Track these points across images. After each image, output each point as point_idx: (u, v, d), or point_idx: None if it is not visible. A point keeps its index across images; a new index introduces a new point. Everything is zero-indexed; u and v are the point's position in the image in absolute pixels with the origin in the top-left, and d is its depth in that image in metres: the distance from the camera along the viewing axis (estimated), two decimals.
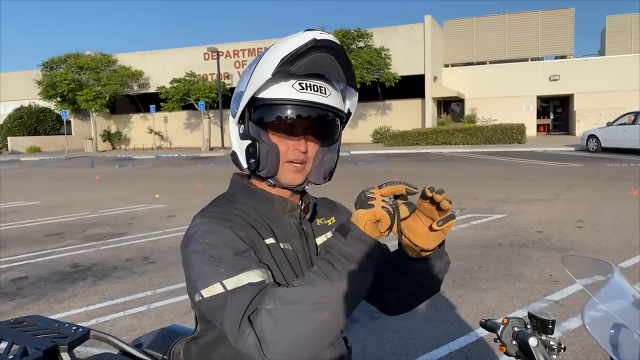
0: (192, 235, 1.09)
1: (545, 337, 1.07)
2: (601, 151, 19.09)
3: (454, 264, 5.65)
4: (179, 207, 9.78)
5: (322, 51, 1.07)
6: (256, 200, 1.19)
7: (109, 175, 18.55)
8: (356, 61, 26.59)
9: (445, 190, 1.03)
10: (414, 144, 26.24)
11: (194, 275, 1.05)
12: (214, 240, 1.05)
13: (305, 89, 1.09)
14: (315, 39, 1.05)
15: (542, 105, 32.53)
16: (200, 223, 1.09)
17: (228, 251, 1.03)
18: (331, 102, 1.13)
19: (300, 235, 1.20)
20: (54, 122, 37.18)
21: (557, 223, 7.37)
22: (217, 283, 1.01)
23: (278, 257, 1.12)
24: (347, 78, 1.15)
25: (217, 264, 1.02)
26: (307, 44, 1.04)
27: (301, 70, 1.07)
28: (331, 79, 1.14)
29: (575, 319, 3.82)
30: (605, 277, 1.15)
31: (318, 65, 1.08)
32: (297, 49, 1.04)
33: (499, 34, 31.84)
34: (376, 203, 0.95)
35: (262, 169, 1.14)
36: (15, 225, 8.73)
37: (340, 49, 1.09)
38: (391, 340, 3.65)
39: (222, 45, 31.32)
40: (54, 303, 4.74)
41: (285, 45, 1.07)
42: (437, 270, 1.19)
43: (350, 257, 0.95)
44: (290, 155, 1.14)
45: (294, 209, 1.20)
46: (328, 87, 1.13)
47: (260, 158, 1.12)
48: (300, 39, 1.06)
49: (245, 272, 1.01)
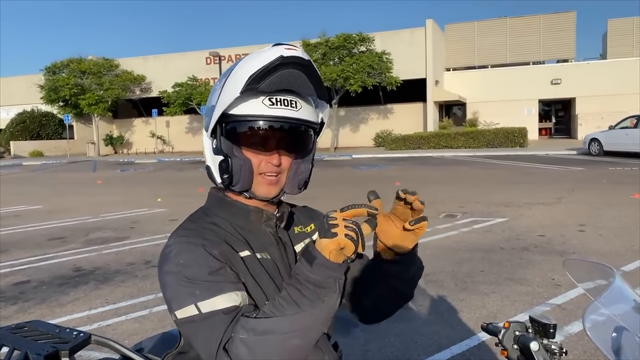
0: (166, 255, 1.09)
1: (547, 341, 1.07)
2: (603, 155, 19.05)
3: (456, 268, 5.66)
4: (180, 211, 9.79)
5: (289, 67, 1.07)
6: (231, 212, 1.20)
7: (111, 179, 18.58)
8: (358, 65, 26.62)
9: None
10: (415, 147, 26.24)
11: (169, 296, 1.07)
12: (187, 261, 1.06)
13: (275, 104, 1.09)
14: (282, 56, 1.04)
15: (544, 108, 32.51)
16: (174, 243, 1.10)
17: (202, 271, 1.04)
18: (302, 116, 1.13)
19: (278, 244, 1.20)
20: (56, 126, 37.29)
21: (559, 227, 7.36)
22: (191, 305, 1.02)
23: (254, 269, 1.13)
24: (317, 91, 1.15)
25: (191, 284, 1.03)
26: (274, 62, 1.04)
27: (269, 87, 1.07)
28: (301, 93, 1.14)
29: (577, 323, 3.81)
30: (606, 281, 1.15)
31: (286, 81, 1.08)
32: (264, 67, 1.04)
33: (500, 37, 31.85)
34: (339, 230, 0.95)
35: (235, 184, 1.15)
36: (18, 230, 8.74)
37: (308, 64, 1.09)
38: (393, 344, 3.64)
39: (224, 50, 31.38)
40: (56, 307, 4.74)
41: (252, 62, 1.06)
42: (411, 274, 1.23)
43: (318, 284, 0.97)
44: (264, 168, 1.15)
45: (270, 219, 1.21)
46: (299, 100, 1.13)
47: (234, 173, 1.13)
48: (268, 55, 1.05)
49: (220, 295, 1.02)
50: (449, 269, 5.46)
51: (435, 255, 6.10)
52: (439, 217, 8.32)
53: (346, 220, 0.97)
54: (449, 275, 5.23)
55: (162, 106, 32.24)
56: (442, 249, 6.36)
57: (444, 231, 7.35)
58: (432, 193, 11.17)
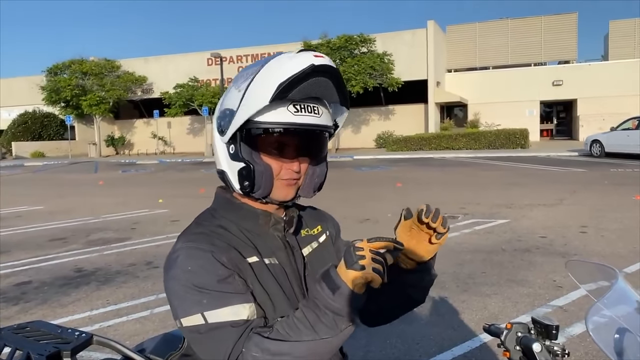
0: (174, 260, 1.08)
1: (549, 343, 1.07)
2: (605, 156, 19.03)
3: (457, 269, 5.66)
4: (182, 212, 9.80)
5: (319, 76, 1.06)
6: (239, 215, 1.19)
7: (112, 180, 18.60)
8: (359, 66, 26.64)
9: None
10: (417, 148, 26.24)
11: (175, 302, 1.06)
12: (195, 267, 1.05)
13: (300, 111, 1.08)
14: (313, 64, 1.03)
15: (546, 110, 32.48)
16: (181, 248, 1.09)
17: (210, 278, 1.04)
18: (324, 122, 1.13)
19: (286, 248, 1.20)
20: (57, 127, 37.33)
21: (561, 228, 7.35)
22: (198, 314, 1.02)
23: (262, 275, 1.12)
24: (341, 99, 1.15)
25: (199, 292, 1.03)
26: (306, 70, 1.03)
27: (299, 95, 1.05)
28: (327, 101, 1.14)
29: (579, 325, 3.80)
30: (609, 282, 1.15)
31: (315, 89, 1.07)
32: (295, 75, 1.02)
33: (502, 39, 31.83)
34: (366, 263, 0.95)
35: (256, 191, 1.13)
36: (19, 230, 8.75)
37: (336, 72, 1.09)
38: (394, 346, 3.64)
39: (226, 51, 31.41)
40: (58, 308, 4.75)
41: (282, 69, 1.04)
42: (426, 282, 1.26)
43: (338, 312, 0.97)
44: (284, 174, 1.14)
45: (278, 223, 1.20)
46: (320, 106, 1.12)
47: (255, 181, 1.11)
48: (298, 63, 1.03)
49: (228, 306, 1.02)
50: (451, 271, 5.45)
51: (436, 256, 6.09)
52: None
53: (372, 251, 0.97)
54: (450, 277, 5.23)
55: (163, 107, 32.27)
56: (443, 251, 6.30)
57: None
58: (433, 194, 11.17)
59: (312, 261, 1.25)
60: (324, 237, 1.33)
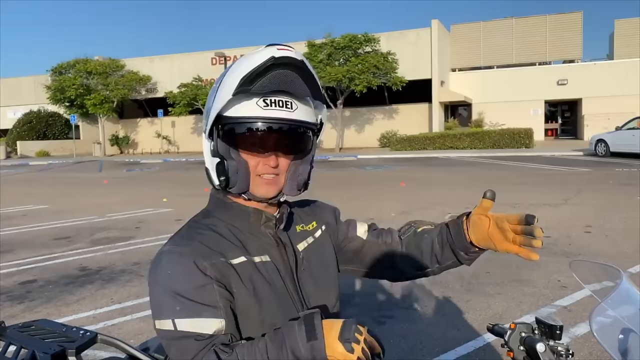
0: (157, 262, 1.11)
1: (553, 343, 1.07)
2: (610, 156, 18.96)
3: (461, 269, 5.64)
4: (186, 211, 9.80)
5: (281, 68, 1.06)
6: (231, 214, 1.20)
7: (116, 179, 18.65)
8: (363, 65, 26.61)
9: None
10: (421, 148, 26.20)
11: (152, 303, 1.09)
12: (175, 273, 1.07)
13: (269, 105, 1.09)
14: (273, 56, 1.04)
15: (550, 109, 32.39)
16: (166, 251, 1.12)
17: (187, 286, 1.06)
18: (298, 117, 1.12)
19: (278, 245, 1.20)
20: (62, 126, 37.46)
21: (565, 228, 7.33)
22: (169, 320, 1.04)
23: (249, 276, 1.13)
24: (312, 92, 1.14)
25: (174, 299, 1.05)
26: (266, 63, 1.04)
27: (262, 89, 1.06)
28: (295, 94, 1.13)
29: (583, 325, 3.79)
30: (613, 282, 1.14)
31: (279, 82, 1.07)
32: (255, 68, 1.04)
33: (506, 38, 31.75)
34: (357, 349, 0.95)
35: (232, 186, 1.14)
36: (24, 229, 8.79)
37: (301, 64, 1.08)
38: (398, 346, 3.64)
39: (230, 50, 31.45)
40: (62, 306, 4.77)
41: (245, 63, 1.06)
42: (455, 263, 1.34)
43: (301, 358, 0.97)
44: (261, 169, 1.14)
45: (270, 220, 1.20)
46: (295, 101, 1.12)
47: (230, 176, 1.13)
48: (259, 57, 1.05)
49: (198, 318, 1.04)
50: (454, 270, 5.43)
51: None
52: (444, 218, 8.29)
53: (366, 342, 0.98)
54: (454, 277, 5.22)
55: (167, 106, 32.33)
56: None
57: None
58: (438, 194, 11.15)
59: (308, 256, 1.26)
60: (320, 232, 1.34)
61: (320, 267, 1.27)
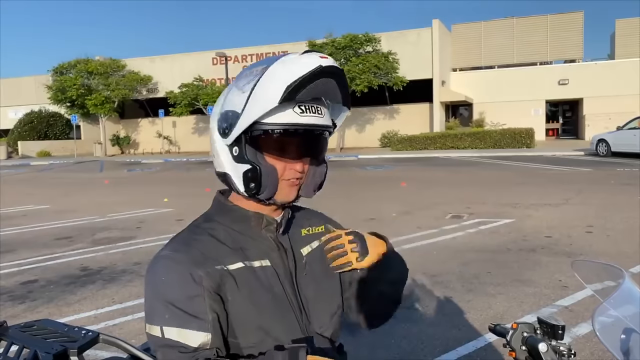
0: (153, 266, 1.12)
1: (555, 343, 1.07)
2: (611, 155, 18.93)
3: (462, 269, 5.65)
4: (187, 211, 9.82)
5: (326, 77, 1.07)
6: (231, 218, 1.19)
7: (117, 179, 18.66)
8: (364, 65, 26.61)
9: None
10: (421, 148, 26.19)
11: (146, 307, 1.11)
12: (168, 280, 1.08)
13: (305, 111, 1.09)
14: (321, 65, 1.04)
15: (551, 109, 32.35)
16: (163, 256, 1.13)
17: (179, 294, 1.07)
18: (326, 122, 1.14)
19: (279, 250, 1.20)
20: (63, 126, 37.46)
21: (567, 228, 7.32)
22: (158, 326, 1.06)
23: (247, 282, 1.12)
24: (344, 99, 1.17)
25: (164, 306, 1.07)
26: (314, 71, 1.03)
27: (306, 96, 1.05)
28: (329, 100, 1.15)
29: (585, 325, 3.79)
30: (615, 282, 1.14)
31: (321, 90, 1.08)
32: (303, 77, 1.02)
33: (507, 38, 31.71)
34: None
35: (262, 192, 1.12)
36: (25, 229, 8.80)
37: (341, 73, 1.10)
38: (399, 345, 3.63)
39: (230, 50, 31.44)
40: (64, 306, 4.77)
41: (289, 70, 1.04)
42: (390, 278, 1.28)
43: None
44: (287, 175, 1.14)
45: (270, 224, 1.19)
46: (322, 107, 1.13)
47: (262, 182, 1.11)
48: (305, 64, 1.04)
49: (185, 329, 1.05)
50: (456, 270, 5.44)
51: (441, 256, 6.09)
52: (445, 218, 8.30)
53: None
54: (455, 277, 5.22)
55: (168, 107, 32.31)
56: (448, 250, 6.35)
57: (450, 232, 7.33)
58: (439, 194, 11.15)
59: (311, 261, 1.25)
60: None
61: (323, 272, 1.26)
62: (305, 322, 1.19)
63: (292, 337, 1.14)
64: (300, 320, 1.18)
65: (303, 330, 1.18)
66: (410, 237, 7.05)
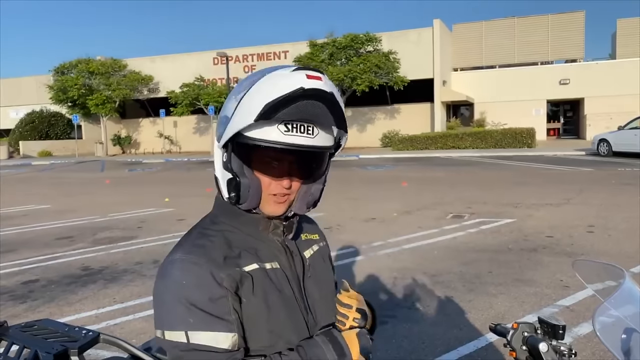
0: (169, 270, 1.09)
1: (556, 343, 1.07)
2: (612, 155, 18.91)
3: (463, 269, 5.65)
4: (188, 210, 9.83)
5: (310, 99, 1.01)
6: (240, 221, 1.19)
7: (118, 179, 18.67)
8: (365, 65, 26.60)
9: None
10: (422, 148, 26.17)
11: (162, 312, 1.07)
12: (189, 283, 1.06)
13: (290, 130, 1.02)
14: (302, 88, 0.99)
15: (552, 109, 32.31)
16: (179, 260, 1.09)
17: (202, 297, 1.05)
18: (318, 142, 1.06)
19: (286, 253, 1.20)
20: (64, 126, 37.50)
21: (568, 228, 7.32)
22: (182, 331, 1.03)
23: (261, 284, 1.12)
24: (337, 123, 1.08)
25: (187, 310, 1.04)
26: (294, 93, 0.98)
27: (286, 117, 1.00)
28: (318, 126, 1.06)
29: (586, 325, 3.79)
30: (616, 282, 1.14)
31: (305, 112, 1.01)
32: (282, 97, 0.98)
33: (508, 37, 31.68)
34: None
35: (242, 203, 1.12)
36: (27, 229, 8.81)
37: (329, 97, 1.03)
38: (400, 345, 3.63)
39: (231, 50, 31.43)
40: (65, 306, 4.77)
41: (271, 87, 1.00)
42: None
43: None
44: (273, 189, 1.13)
45: (277, 227, 1.19)
46: (316, 127, 1.06)
47: (241, 194, 1.10)
48: (288, 84, 0.99)
49: (212, 332, 1.03)
50: (457, 270, 5.44)
51: (442, 256, 6.09)
52: (446, 218, 8.30)
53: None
54: (456, 276, 5.22)
55: (169, 106, 32.32)
56: (449, 250, 6.35)
57: (451, 232, 7.33)
58: (440, 194, 11.14)
59: (314, 263, 1.27)
60: (323, 244, 1.36)
61: (324, 275, 1.29)
62: (312, 323, 1.20)
63: (301, 338, 1.15)
64: (308, 322, 1.19)
65: (311, 331, 1.19)
66: (411, 237, 7.05)
